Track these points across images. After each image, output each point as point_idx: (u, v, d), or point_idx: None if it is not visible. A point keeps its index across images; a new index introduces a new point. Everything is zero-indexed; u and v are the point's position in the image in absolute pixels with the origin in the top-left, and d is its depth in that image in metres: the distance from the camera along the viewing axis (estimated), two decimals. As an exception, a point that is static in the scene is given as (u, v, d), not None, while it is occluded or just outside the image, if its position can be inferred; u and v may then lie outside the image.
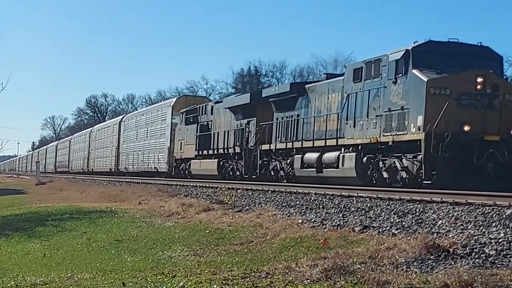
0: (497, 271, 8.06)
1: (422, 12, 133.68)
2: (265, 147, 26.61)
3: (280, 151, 25.68)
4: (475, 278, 7.75)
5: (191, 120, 35.86)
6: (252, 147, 27.66)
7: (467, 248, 9.29)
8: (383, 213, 13.35)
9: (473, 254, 9.06)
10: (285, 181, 24.53)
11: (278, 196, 19.04)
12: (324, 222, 13.50)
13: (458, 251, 9.26)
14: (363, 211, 14.01)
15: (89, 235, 15.08)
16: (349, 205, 15.09)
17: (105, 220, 17.78)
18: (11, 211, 23.18)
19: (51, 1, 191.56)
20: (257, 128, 27.44)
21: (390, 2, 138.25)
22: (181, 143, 37.14)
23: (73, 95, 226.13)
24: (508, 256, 8.78)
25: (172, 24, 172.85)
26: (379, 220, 12.73)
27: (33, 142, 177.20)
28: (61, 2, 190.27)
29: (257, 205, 17.90)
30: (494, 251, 9.00)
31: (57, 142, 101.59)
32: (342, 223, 13.06)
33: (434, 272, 8.39)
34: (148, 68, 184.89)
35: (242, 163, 28.61)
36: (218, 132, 32.01)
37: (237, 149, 29.41)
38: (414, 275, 8.26)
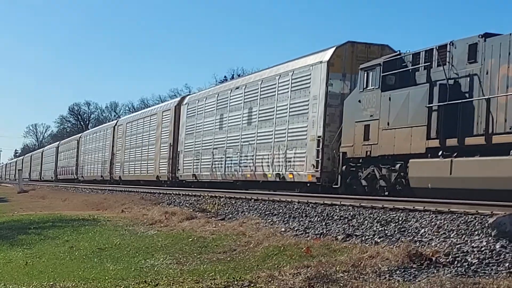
0: (480, 279, 8.08)
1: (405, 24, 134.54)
2: None
3: None
4: (458, 286, 7.78)
5: (402, 80, 18.97)
6: None
7: (450, 257, 9.32)
8: (366, 222, 13.37)
9: (456, 262, 9.08)
10: None
11: (261, 204, 19.04)
12: (307, 231, 13.50)
13: (440, 260, 9.28)
14: (346, 220, 14.03)
15: (72, 243, 15.00)
16: (332, 214, 15.11)
17: (88, 228, 17.69)
18: (-7, 219, 23.03)
19: (32, 7, 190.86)
20: None
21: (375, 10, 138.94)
22: (364, 127, 19.76)
23: (56, 103, 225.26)
24: (491, 264, 8.82)
25: (155, 32, 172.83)
26: (362, 229, 12.75)
27: (16, 150, 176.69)
28: (43, 9, 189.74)
29: (240, 214, 17.87)
30: (477, 260, 9.03)
31: (58, 142, 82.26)
32: (325, 232, 13.06)
33: (416, 280, 8.41)
34: (131, 76, 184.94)
35: None
36: None
37: None
38: (397, 284, 8.28)
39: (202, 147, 32.22)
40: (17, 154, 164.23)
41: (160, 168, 38.13)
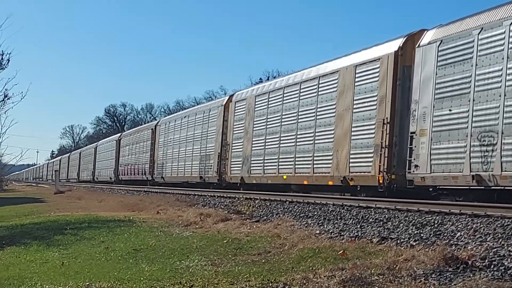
0: (516, 284, 8.02)
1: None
2: None
3: None
4: (494, 290, 7.72)
5: None
6: None
7: (486, 261, 9.23)
8: (401, 225, 13.28)
9: (492, 266, 8.99)
10: None
11: (295, 206, 19.01)
12: (342, 233, 13.46)
13: (476, 263, 9.19)
14: (381, 222, 13.95)
15: (107, 244, 15.10)
16: (367, 216, 15.04)
17: (123, 229, 17.81)
18: (30, 220, 23.29)
19: (70, 10, 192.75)
20: None
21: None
22: None
23: (92, 104, 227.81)
24: (527, 269, 8.72)
25: (191, 33, 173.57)
26: (397, 232, 12.67)
27: (52, 151, 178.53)
28: (81, 12, 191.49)
29: (274, 216, 17.86)
30: (513, 264, 8.94)
31: (119, 134, 64.87)
32: (360, 234, 13.01)
33: (452, 284, 8.34)
34: (166, 78, 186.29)
35: None
36: None
37: None
38: (432, 287, 8.23)
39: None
40: (53, 155, 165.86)
41: (352, 163, 21.21)
